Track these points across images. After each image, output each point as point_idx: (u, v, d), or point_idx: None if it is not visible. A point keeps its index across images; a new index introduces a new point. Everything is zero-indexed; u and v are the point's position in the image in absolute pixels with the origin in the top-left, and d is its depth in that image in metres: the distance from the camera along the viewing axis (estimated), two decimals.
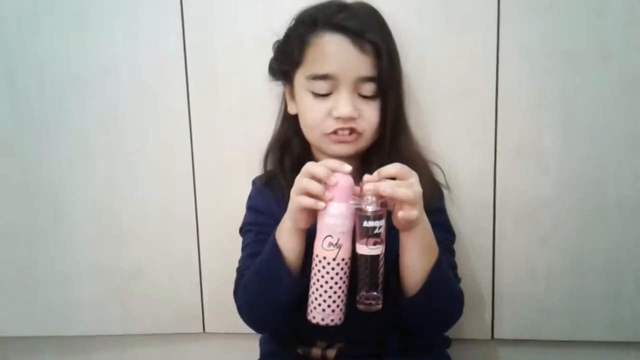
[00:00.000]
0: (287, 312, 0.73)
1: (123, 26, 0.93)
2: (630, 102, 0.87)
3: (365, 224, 0.63)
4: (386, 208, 0.64)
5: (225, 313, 0.98)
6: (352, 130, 0.76)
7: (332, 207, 0.64)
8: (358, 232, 0.64)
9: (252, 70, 0.91)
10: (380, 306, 0.65)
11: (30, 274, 1.01)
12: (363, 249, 0.64)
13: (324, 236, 0.65)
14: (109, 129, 0.96)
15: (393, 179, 0.64)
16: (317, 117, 0.76)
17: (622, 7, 0.84)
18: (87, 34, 0.94)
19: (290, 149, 0.83)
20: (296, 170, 0.79)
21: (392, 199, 0.63)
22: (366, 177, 0.65)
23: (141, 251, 0.99)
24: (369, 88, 0.75)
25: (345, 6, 0.77)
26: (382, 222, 0.64)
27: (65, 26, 0.94)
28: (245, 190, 0.91)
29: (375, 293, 0.65)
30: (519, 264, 0.93)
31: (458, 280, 0.80)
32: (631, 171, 0.88)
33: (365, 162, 0.80)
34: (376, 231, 0.63)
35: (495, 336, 0.96)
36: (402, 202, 0.63)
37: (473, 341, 0.96)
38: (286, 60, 0.79)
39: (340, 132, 0.76)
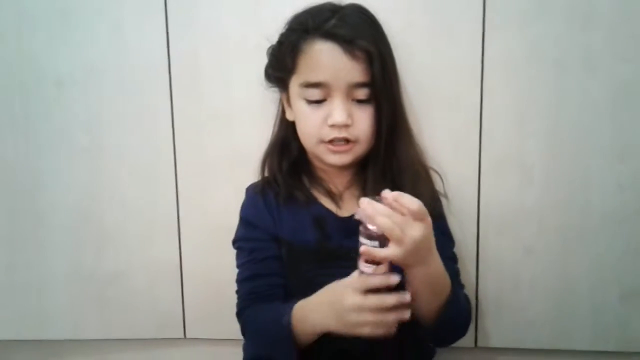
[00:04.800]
0: None
1: (107, 27, 0.92)
2: (614, 113, 0.87)
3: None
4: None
5: (206, 318, 0.98)
6: (346, 140, 0.75)
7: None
8: None
9: (236, 74, 0.91)
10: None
11: (8, 276, 1.00)
12: None
13: None
14: (91, 131, 0.95)
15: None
16: (312, 125, 0.76)
17: (607, 19, 0.85)
18: (71, 35, 0.93)
19: (288, 152, 0.83)
20: (293, 172, 0.81)
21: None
22: (385, 192, 0.63)
23: (122, 255, 0.98)
24: (362, 92, 0.74)
25: (337, 10, 0.76)
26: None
27: (49, 26, 0.93)
28: (228, 194, 0.91)
29: None
30: (502, 273, 0.93)
31: (462, 287, 0.80)
32: (615, 182, 0.89)
33: (362, 166, 0.80)
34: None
35: (479, 344, 0.96)
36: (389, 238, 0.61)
37: (456, 349, 0.95)
38: (280, 67, 0.78)
39: (336, 141, 0.75)
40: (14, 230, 0.98)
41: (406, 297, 0.64)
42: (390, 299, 0.63)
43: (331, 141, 0.75)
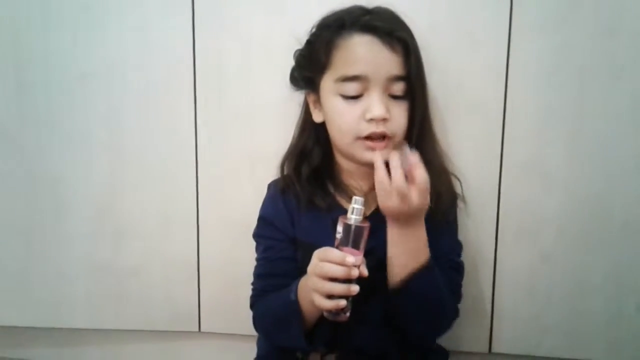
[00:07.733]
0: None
1: (133, 25, 0.93)
2: (637, 120, 0.87)
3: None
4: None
5: (222, 313, 0.99)
6: (383, 136, 0.74)
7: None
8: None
9: (260, 74, 0.92)
10: (345, 317, 0.68)
11: (27, 265, 1.01)
12: None
13: None
14: (113, 127, 0.96)
15: None
16: (349, 121, 0.74)
17: (633, 26, 0.85)
18: (96, 31, 0.94)
19: (309, 158, 0.81)
20: (313, 179, 0.80)
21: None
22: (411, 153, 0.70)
23: (140, 248, 0.99)
24: (398, 87, 0.74)
25: (369, 10, 0.76)
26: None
27: (75, 22, 0.94)
28: (247, 192, 0.92)
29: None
30: (519, 279, 0.92)
31: (457, 297, 0.81)
32: (636, 190, 0.88)
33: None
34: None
35: (493, 350, 0.95)
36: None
37: (470, 354, 0.96)
38: (311, 66, 0.78)
39: (373, 137, 0.74)
40: (34, 220, 1.00)
41: (353, 285, 0.66)
42: (336, 269, 0.64)
43: (368, 137, 0.74)
